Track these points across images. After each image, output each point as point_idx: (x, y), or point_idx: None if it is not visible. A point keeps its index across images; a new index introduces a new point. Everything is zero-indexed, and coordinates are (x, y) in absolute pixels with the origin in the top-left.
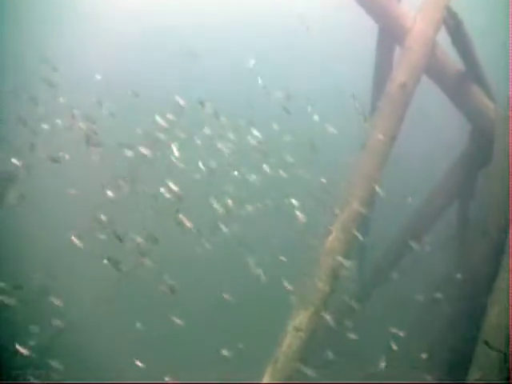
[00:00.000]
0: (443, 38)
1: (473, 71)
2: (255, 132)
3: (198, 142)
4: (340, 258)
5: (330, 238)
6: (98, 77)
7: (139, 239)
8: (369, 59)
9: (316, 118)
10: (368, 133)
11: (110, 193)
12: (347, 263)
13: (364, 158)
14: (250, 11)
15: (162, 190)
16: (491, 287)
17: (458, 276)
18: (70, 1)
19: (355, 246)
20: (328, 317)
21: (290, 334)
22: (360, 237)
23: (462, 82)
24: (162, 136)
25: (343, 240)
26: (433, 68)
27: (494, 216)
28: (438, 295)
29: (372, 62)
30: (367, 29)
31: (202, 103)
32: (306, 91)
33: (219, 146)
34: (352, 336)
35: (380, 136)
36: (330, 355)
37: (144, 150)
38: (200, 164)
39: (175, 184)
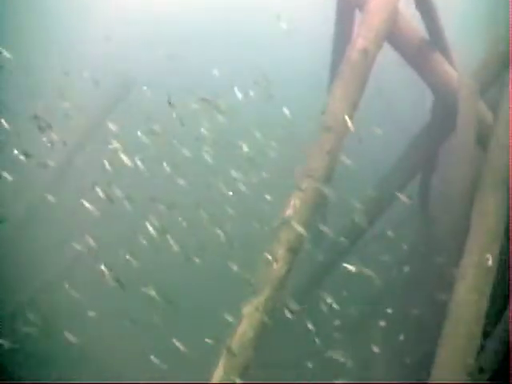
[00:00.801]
0: (406, 4)
1: (436, 39)
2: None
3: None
4: (298, 232)
5: (288, 212)
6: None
7: None
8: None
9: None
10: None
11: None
12: (304, 237)
13: (323, 129)
14: None
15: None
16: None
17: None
18: None
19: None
20: (289, 300)
21: (246, 320)
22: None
23: (425, 50)
24: None
25: (302, 216)
26: (395, 35)
27: (457, 189)
28: (406, 268)
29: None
30: None
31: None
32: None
33: None
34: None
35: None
36: None
37: None
38: None
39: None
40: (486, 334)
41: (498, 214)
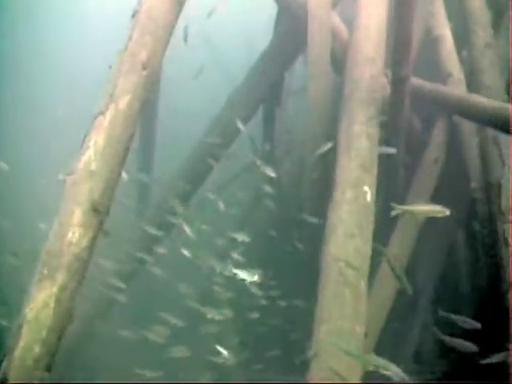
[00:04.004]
0: None
1: None
2: None
3: None
4: (105, 183)
5: (88, 154)
6: None
7: None
8: None
9: None
10: None
11: None
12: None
13: None
14: None
15: None
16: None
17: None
18: None
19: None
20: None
21: (28, 328)
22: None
23: None
24: None
25: (109, 159)
26: None
27: (314, 118)
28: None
29: None
30: None
31: None
32: None
33: None
34: None
35: None
36: None
37: None
38: None
39: None
40: None
41: (370, 136)
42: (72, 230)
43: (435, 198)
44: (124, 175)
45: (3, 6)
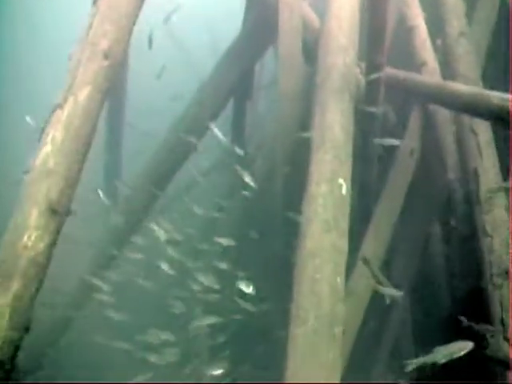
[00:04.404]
0: None
1: None
2: None
3: None
4: (66, 180)
5: (45, 149)
6: None
7: None
8: None
9: None
10: None
11: None
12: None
13: None
14: None
15: None
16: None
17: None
18: None
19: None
20: None
21: None
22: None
23: None
24: None
25: (68, 154)
26: None
27: (286, 109)
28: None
29: None
30: None
31: None
32: None
33: None
34: None
35: None
36: None
37: None
38: None
39: None
40: None
41: (345, 127)
42: (28, 232)
43: (411, 191)
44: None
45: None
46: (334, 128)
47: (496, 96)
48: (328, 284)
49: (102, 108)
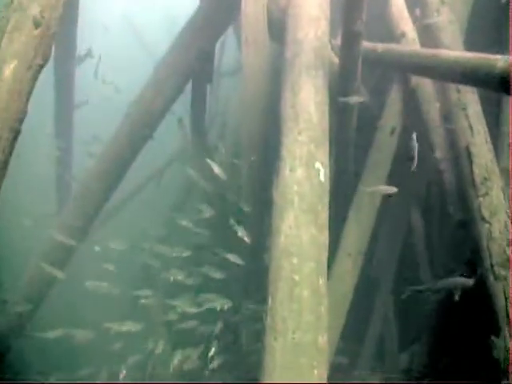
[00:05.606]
0: None
1: None
2: None
3: None
4: None
5: None
6: None
7: None
8: None
9: None
10: None
11: None
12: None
13: None
14: None
15: None
16: None
17: None
18: None
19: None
20: None
21: None
22: None
23: None
24: None
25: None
26: None
27: (250, 100)
28: None
29: None
30: None
31: None
32: None
33: None
34: None
35: None
36: None
37: None
38: None
39: None
40: None
41: (320, 106)
42: None
43: (392, 173)
44: None
45: None
46: (308, 107)
47: (502, 59)
48: (309, 287)
49: (33, 88)
